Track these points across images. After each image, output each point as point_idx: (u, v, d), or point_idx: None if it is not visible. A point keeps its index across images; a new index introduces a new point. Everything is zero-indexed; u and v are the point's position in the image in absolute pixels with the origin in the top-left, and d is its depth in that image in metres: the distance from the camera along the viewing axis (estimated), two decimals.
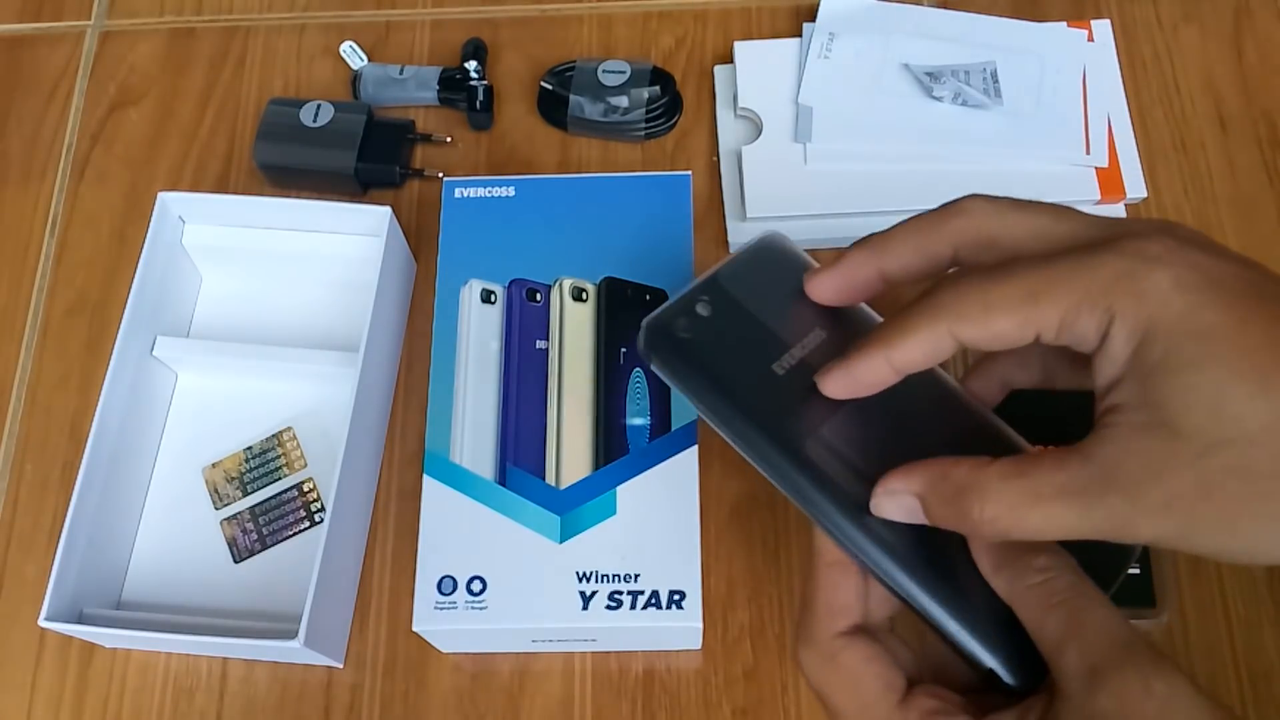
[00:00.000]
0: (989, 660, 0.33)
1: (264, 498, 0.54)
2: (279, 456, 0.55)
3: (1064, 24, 0.60)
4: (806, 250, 0.60)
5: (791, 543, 0.52)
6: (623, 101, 0.59)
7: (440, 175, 0.58)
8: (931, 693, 0.33)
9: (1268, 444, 0.28)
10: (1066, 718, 0.30)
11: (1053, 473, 0.30)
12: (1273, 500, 0.28)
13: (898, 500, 0.33)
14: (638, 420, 0.48)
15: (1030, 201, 0.34)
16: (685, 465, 0.47)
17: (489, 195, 0.53)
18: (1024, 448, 0.36)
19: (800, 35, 0.61)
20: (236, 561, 0.53)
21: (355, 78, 0.62)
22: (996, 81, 0.58)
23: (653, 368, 0.38)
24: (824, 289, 0.37)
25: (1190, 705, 0.29)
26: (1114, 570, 0.34)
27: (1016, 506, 0.30)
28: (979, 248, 0.34)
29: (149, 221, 0.53)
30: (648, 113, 0.60)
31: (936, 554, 0.33)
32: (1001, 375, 0.38)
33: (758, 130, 0.59)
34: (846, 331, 0.37)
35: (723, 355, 0.37)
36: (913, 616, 0.34)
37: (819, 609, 0.34)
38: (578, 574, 0.46)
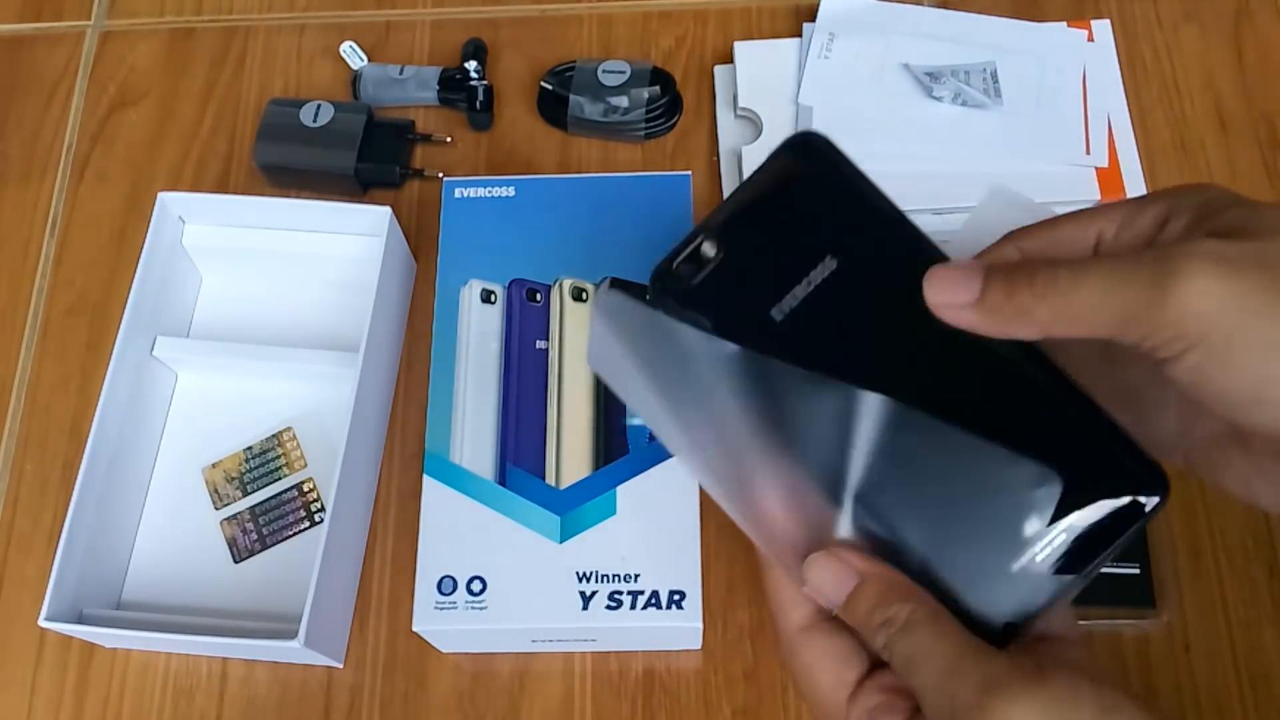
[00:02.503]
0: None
1: (264, 498, 0.54)
2: (279, 456, 0.55)
3: (1064, 24, 0.60)
4: None
5: None
6: (623, 101, 0.59)
7: (440, 175, 0.58)
8: (880, 686, 0.33)
9: None
10: None
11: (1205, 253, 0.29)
12: None
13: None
14: (638, 420, 0.48)
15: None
16: None
17: (489, 195, 0.53)
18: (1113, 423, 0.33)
19: (800, 35, 0.61)
20: (236, 561, 0.53)
21: (355, 78, 0.62)
22: (996, 81, 0.58)
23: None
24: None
25: None
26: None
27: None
28: None
29: (149, 221, 0.53)
30: (648, 113, 0.60)
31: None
32: None
33: (758, 130, 0.59)
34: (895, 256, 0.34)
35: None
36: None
37: (775, 611, 0.36)
38: (578, 574, 0.46)
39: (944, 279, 0.32)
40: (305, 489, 0.54)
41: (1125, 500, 0.32)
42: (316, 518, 0.53)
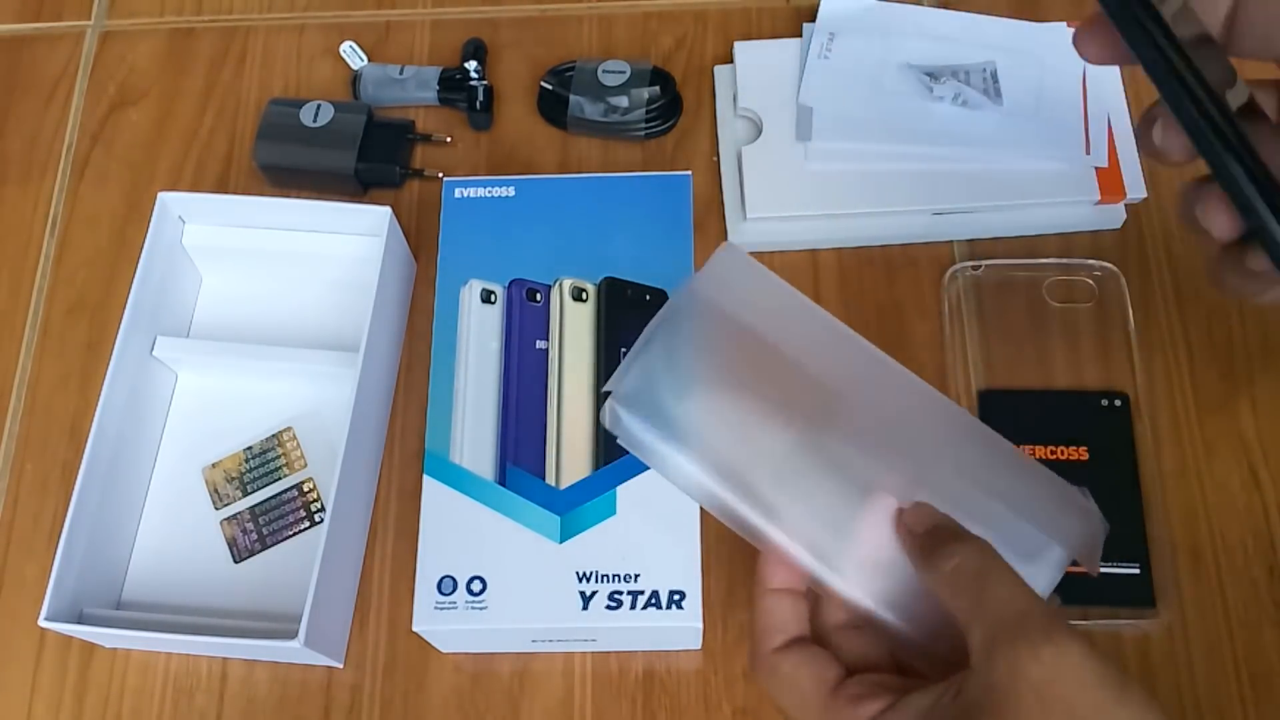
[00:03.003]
0: None
1: (264, 498, 0.54)
2: (279, 456, 0.55)
3: (1064, 24, 0.60)
4: (806, 250, 0.60)
5: None
6: (623, 101, 0.59)
7: (440, 175, 0.58)
8: (860, 680, 0.36)
9: None
10: (971, 688, 0.32)
11: None
12: None
13: None
14: None
15: None
16: None
17: (489, 195, 0.53)
18: None
19: (800, 35, 0.61)
20: (236, 561, 0.53)
21: (355, 78, 0.62)
22: (996, 81, 0.57)
23: None
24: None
25: (1077, 668, 0.31)
26: None
27: None
28: None
29: (149, 221, 0.53)
30: (648, 113, 0.60)
31: None
32: None
33: (758, 130, 0.59)
34: None
35: None
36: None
37: (759, 632, 0.38)
38: (578, 574, 0.46)
39: None
40: (305, 489, 0.54)
41: None
42: (316, 518, 0.53)
